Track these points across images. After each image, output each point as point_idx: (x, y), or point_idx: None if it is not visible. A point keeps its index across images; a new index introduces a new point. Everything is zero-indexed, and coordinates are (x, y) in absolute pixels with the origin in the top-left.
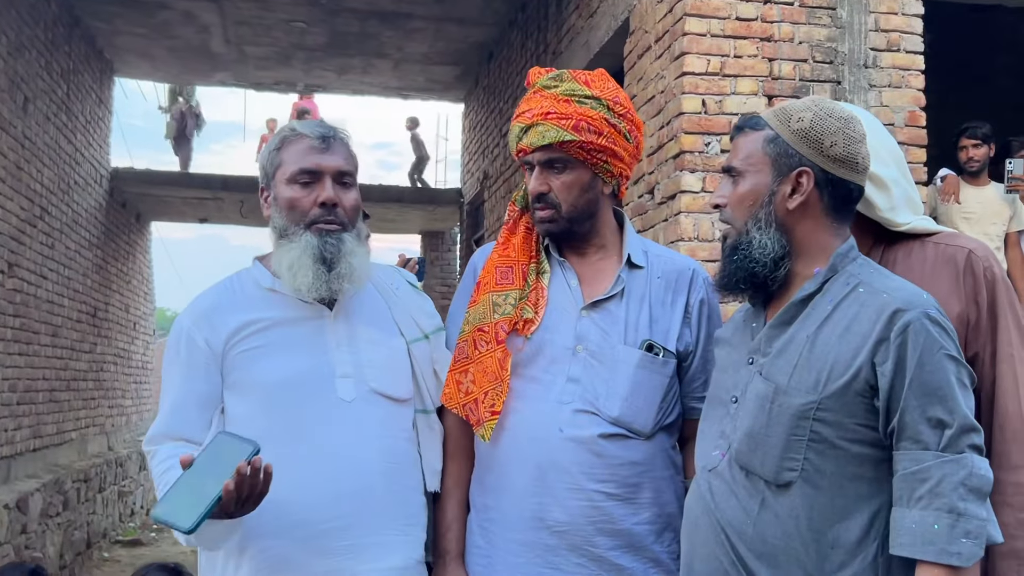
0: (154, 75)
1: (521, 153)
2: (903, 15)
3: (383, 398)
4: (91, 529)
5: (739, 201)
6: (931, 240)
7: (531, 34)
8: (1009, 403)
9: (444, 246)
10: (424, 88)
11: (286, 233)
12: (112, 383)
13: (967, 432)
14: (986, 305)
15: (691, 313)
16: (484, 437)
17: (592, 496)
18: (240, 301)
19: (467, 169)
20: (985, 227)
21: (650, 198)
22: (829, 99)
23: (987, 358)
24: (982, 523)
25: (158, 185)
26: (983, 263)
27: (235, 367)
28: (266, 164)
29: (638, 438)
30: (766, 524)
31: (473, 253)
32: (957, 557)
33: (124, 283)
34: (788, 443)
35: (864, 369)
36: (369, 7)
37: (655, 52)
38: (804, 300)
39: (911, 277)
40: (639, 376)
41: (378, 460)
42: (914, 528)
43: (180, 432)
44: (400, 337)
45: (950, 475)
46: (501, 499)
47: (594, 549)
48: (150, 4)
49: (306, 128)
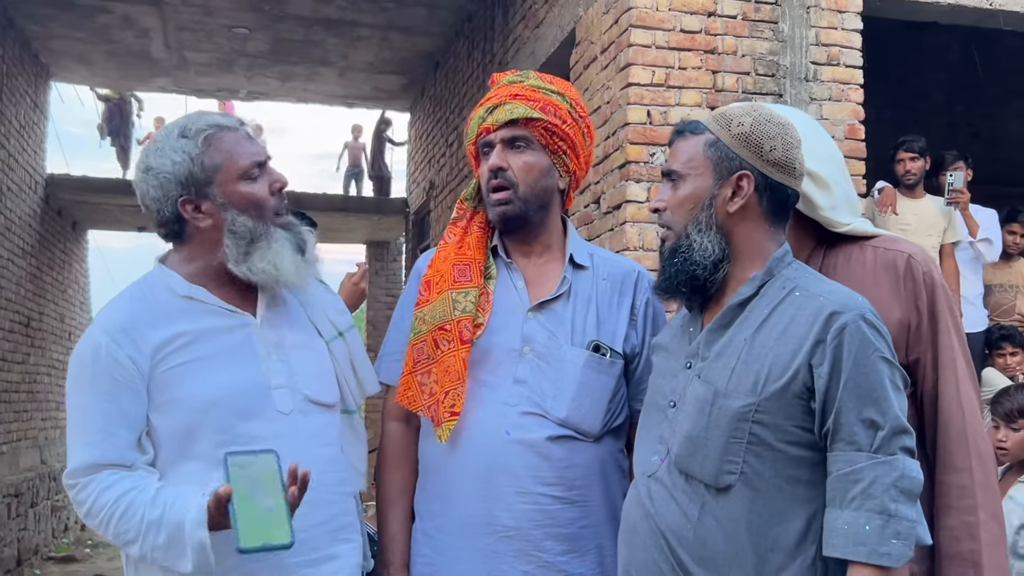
0: (92, 80)
1: (483, 134)
2: (843, 30)
3: (317, 406)
4: (22, 545)
5: (680, 204)
6: (870, 244)
7: (477, 44)
8: (952, 408)
9: (389, 256)
10: (370, 97)
11: (257, 234)
12: (46, 395)
13: (899, 434)
14: (927, 310)
15: (637, 315)
16: (441, 438)
17: (538, 499)
18: (157, 313)
19: (413, 179)
20: (921, 239)
21: (596, 208)
22: (766, 104)
23: (928, 363)
24: (912, 524)
25: (95, 192)
26: (922, 267)
27: (164, 386)
28: (194, 170)
29: (586, 440)
30: (706, 528)
31: (422, 259)
32: (887, 558)
33: (59, 292)
34: (727, 446)
35: (802, 371)
36: (313, 14)
37: (601, 63)
38: (741, 304)
39: (852, 280)
40: (586, 376)
41: (319, 472)
42: (846, 529)
43: (112, 458)
44: (319, 338)
45: (882, 477)
46: (448, 505)
47: (542, 554)
48: (88, 7)
49: (224, 120)
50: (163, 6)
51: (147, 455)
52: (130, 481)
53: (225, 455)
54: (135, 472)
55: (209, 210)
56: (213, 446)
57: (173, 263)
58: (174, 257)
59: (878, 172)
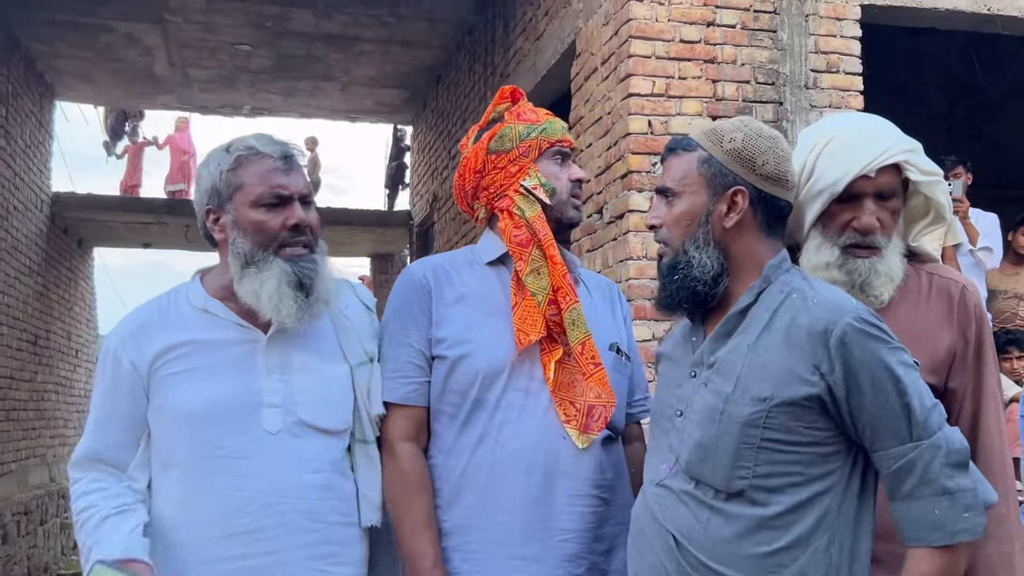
0: (96, 99)
1: (565, 143)
2: (842, 37)
3: (312, 430)
4: (32, 564)
5: (676, 221)
6: (925, 269)
7: (479, 57)
8: (994, 440)
9: (394, 269)
10: (372, 111)
11: (253, 259)
12: (54, 412)
13: (931, 412)
14: (974, 341)
15: (624, 322)
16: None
17: (592, 501)
18: (171, 321)
19: (416, 191)
20: None
21: (599, 218)
22: (755, 119)
23: (969, 392)
24: (974, 492)
25: (101, 210)
26: (974, 299)
27: (159, 390)
28: (219, 185)
29: (616, 439)
30: (716, 527)
31: (414, 269)
32: (965, 533)
33: (66, 310)
34: (738, 451)
35: (808, 377)
36: (315, 30)
37: (601, 74)
38: (742, 312)
39: (906, 301)
40: (614, 377)
41: (298, 495)
42: (918, 520)
43: (104, 454)
44: (344, 362)
45: (932, 460)
46: (492, 516)
47: (591, 556)
48: (92, 27)
49: (265, 146)
50: (166, 24)
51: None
52: (99, 495)
53: (95, 563)
54: (114, 484)
55: (224, 225)
56: (192, 455)
57: (209, 276)
58: (214, 270)
59: None
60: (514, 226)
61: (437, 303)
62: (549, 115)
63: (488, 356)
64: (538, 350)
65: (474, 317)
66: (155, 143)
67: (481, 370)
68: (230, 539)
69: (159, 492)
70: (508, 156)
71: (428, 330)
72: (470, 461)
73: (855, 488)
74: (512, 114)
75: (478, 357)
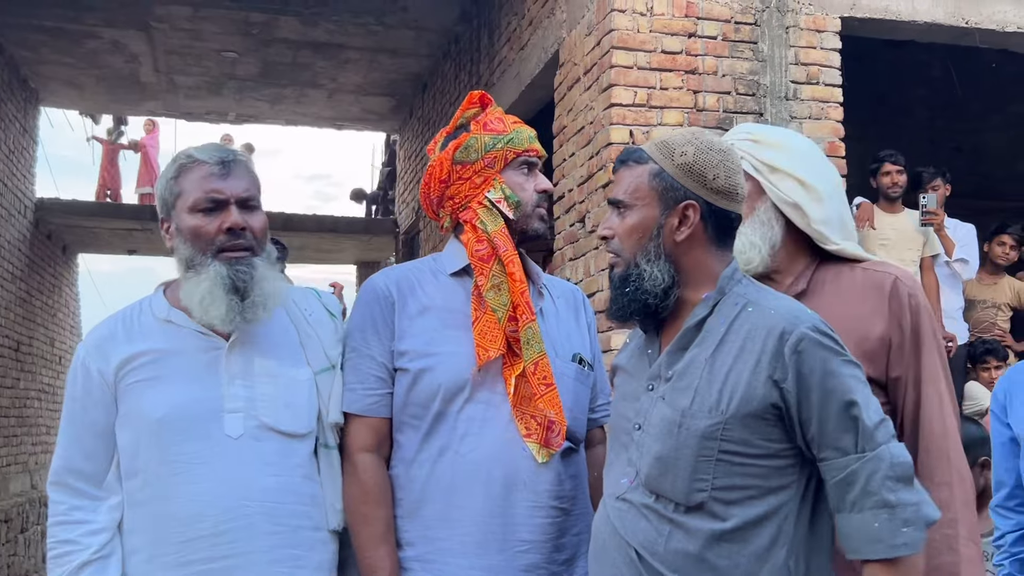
0: (81, 104)
1: (532, 153)
2: (822, 49)
3: (275, 433)
4: (12, 571)
5: (628, 234)
6: (860, 266)
7: (464, 66)
8: (935, 424)
9: None
10: (358, 118)
11: (192, 263)
12: (36, 419)
13: (878, 426)
14: (910, 329)
15: (589, 330)
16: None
17: (551, 512)
18: (134, 332)
19: (402, 199)
20: (901, 253)
21: (581, 226)
22: (706, 131)
23: (911, 381)
24: (916, 507)
25: (85, 216)
26: (908, 290)
27: (124, 398)
28: (164, 194)
29: (577, 450)
30: (678, 540)
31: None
32: (904, 547)
33: (49, 316)
34: (697, 464)
35: (765, 387)
36: (302, 37)
37: (584, 84)
38: (698, 324)
39: (839, 297)
40: (576, 388)
41: (261, 499)
42: (858, 532)
43: (81, 464)
44: (306, 367)
45: (874, 473)
46: (453, 527)
47: (550, 566)
48: (77, 33)
49: (203, 154)
50: (152, 31)
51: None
52: (80, 530)
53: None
54: (93, 515)
55: (171, 233)
56: (155, 462)
57: (171, 287)
58: (175, 282)
59: (861, 188)
60: (476, 240)
61: (400, 315)
62: (518, 123)
63: (450, 370)
64: (500, 364)
65: (436, 330)
66: (133, 148)
67: (443, 384)
68: (191, 543)
69: (124, 499)
70: (473, 167)
71: (390, 342)
72: (431, 473)
73: (810, 502)
74: (479, 123)
75: (440, 371)
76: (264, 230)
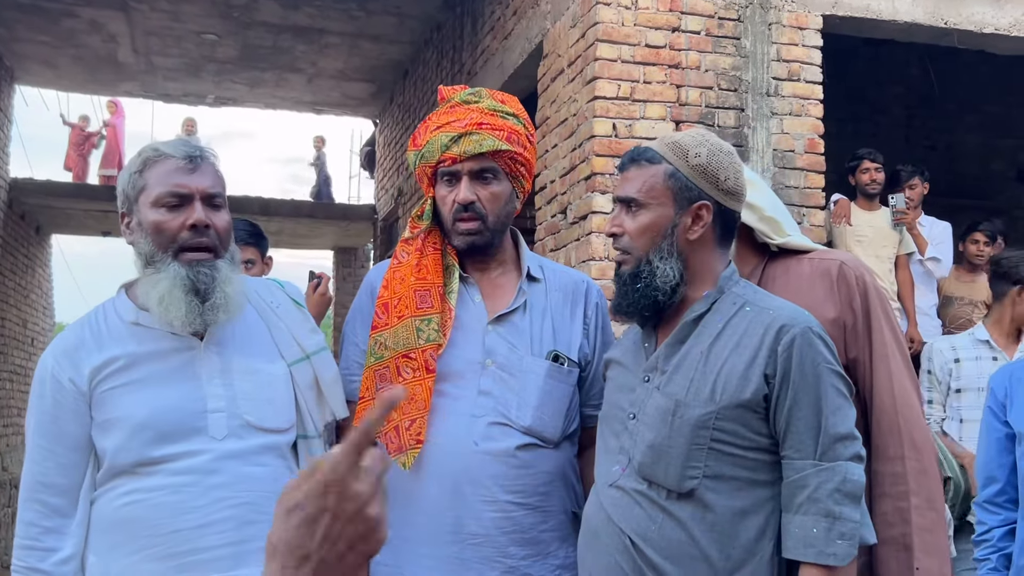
0: (57, 84)
1: (447, 162)
2: (803, 46)
3: (258, 430)
4: None
5: (641, 232)
6: (807, 257)
7: (446, 53)
8: (885, 399)
9: (357, 262)
10: (338, 104)
11: (152, 260)
12: (7, 401)
13: (842, 440)
14: (861, 310)
15: (589, 324)
16: (405, 465)
17: (505, 507)
18: (103, 337)
19: (381, 185)
20: (877, 249)
21: (563, 218)
22: (709, 132)
23: (866, 360)
24: (855, 525)
25: (59, 196)
26: (854, 272)
27: (101, 405)
28: (127, 187)
29: (547, 447)
30: (670, 528)
31: (371, 271)
32: (833, 557)
33: (22, 297)
34: (689, 452)
35: (757, 381)
36: (282, 21)
37: (568, 76)
38: (696, 319)
39: (790, 289)
40: (548, 386)
41: (246, 494)
42: (797, 532)
43: (54, 478)
44: (280, 360)
45: (825, 483)
46: (412, 515)
47: (507, 560)
48: (54, 11)
49: (170, 148)
50: (131, 11)
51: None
52: (49, 561)
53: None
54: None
55: (133, 227)
56: (139, 464)
57: (134, 288)
58: (137, 282)
59: (838, 184)
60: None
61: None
62: (439, 129)
63: None
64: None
65: None
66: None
67: None
68: (178, 534)
69: (106, 501)
70: (417, 181)
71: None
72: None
73: None
74: (416, 133)
75: None
76: (228, 230)
